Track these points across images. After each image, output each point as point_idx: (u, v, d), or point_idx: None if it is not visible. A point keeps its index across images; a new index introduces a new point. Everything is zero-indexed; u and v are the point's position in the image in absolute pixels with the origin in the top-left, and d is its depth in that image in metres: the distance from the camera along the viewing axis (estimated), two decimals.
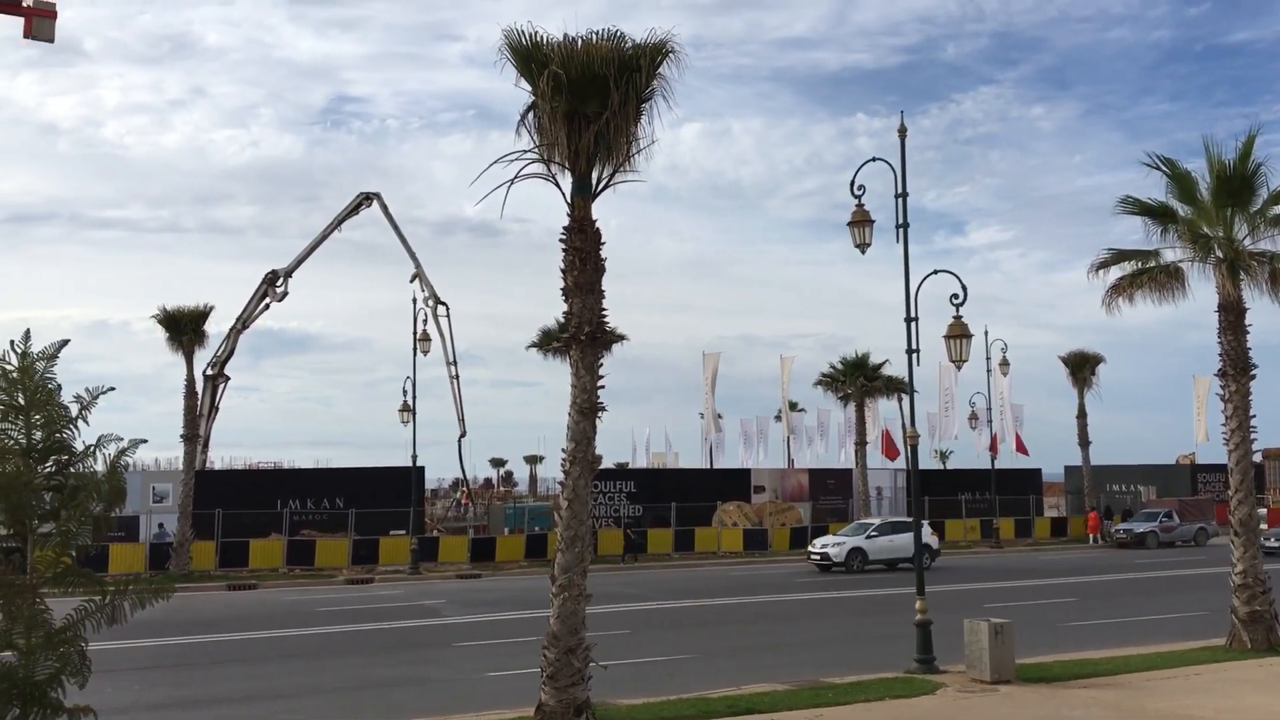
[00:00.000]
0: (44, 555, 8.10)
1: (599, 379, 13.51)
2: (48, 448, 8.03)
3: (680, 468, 70.53)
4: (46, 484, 8.07)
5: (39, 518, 8.13)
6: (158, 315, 38.05)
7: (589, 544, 13.53)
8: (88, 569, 8.50)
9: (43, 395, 8.02)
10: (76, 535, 8.21)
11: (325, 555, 39.53)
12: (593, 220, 13.49)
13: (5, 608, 7.99)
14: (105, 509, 8.34)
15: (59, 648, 7.97)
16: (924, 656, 16.81)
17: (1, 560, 8.23)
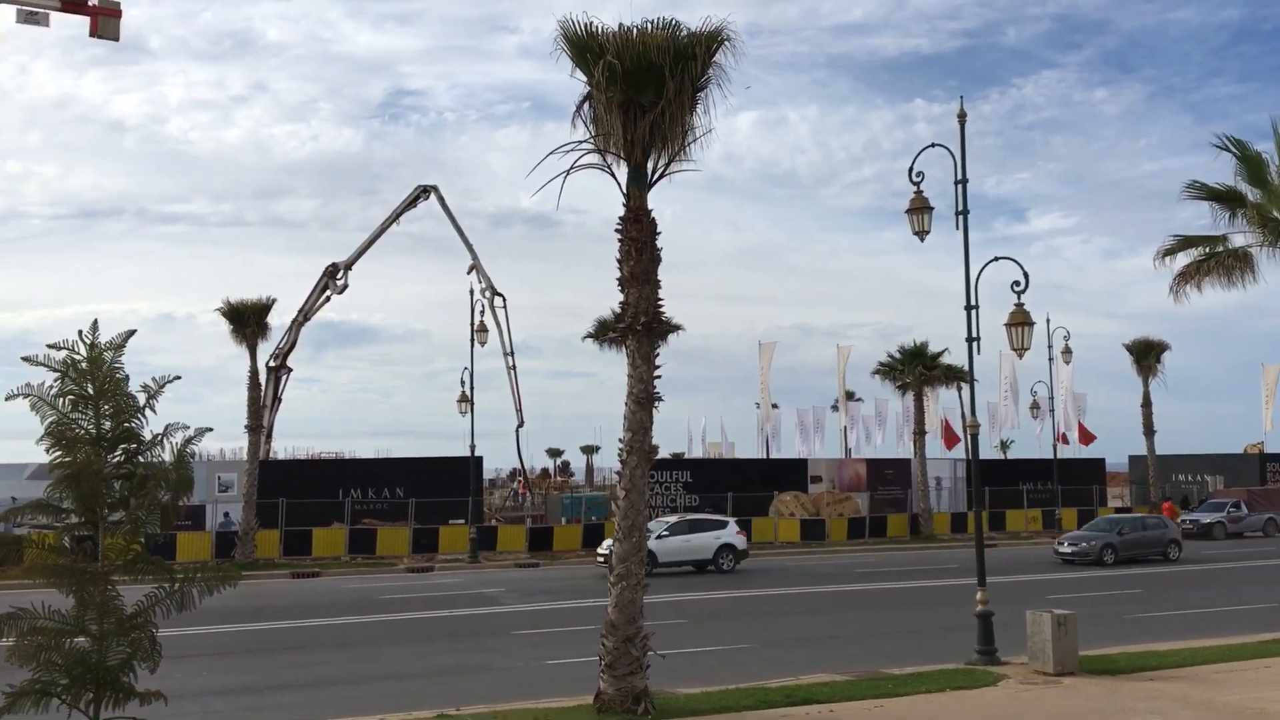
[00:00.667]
0: (114, 543, 8.27)
1: (655, 369, 13.50)
2: (117, 437, 8.20)
3: (736, 458, 70.39)
4: (116, 473, 8.25)
5: (109, 506, 8.31)
6: (222, 308, 38.71)
7: (646, 533, 13.54)
8: (157, 556, 8.68)
9: (111, 385, 8.19)
10: (145, 523, 8.38)
11: (386, 544, 40.03)
12: (648, 210, 13.47)
13: (78, 594, 8.19)
14: (173, 497, 8.51)
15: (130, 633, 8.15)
16: (985, 648, 16.62)
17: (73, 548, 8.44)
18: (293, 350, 48.47)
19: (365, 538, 40.19)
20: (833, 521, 46.24)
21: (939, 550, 42.16)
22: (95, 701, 8.29)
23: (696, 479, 48.61)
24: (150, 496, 8.16)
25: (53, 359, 8.14)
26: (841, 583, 30.73)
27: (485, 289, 46.37)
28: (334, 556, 39.20)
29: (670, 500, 47.11)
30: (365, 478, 45.22)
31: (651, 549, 31.76)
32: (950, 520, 49.20)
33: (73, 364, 8.13)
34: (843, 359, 60.14)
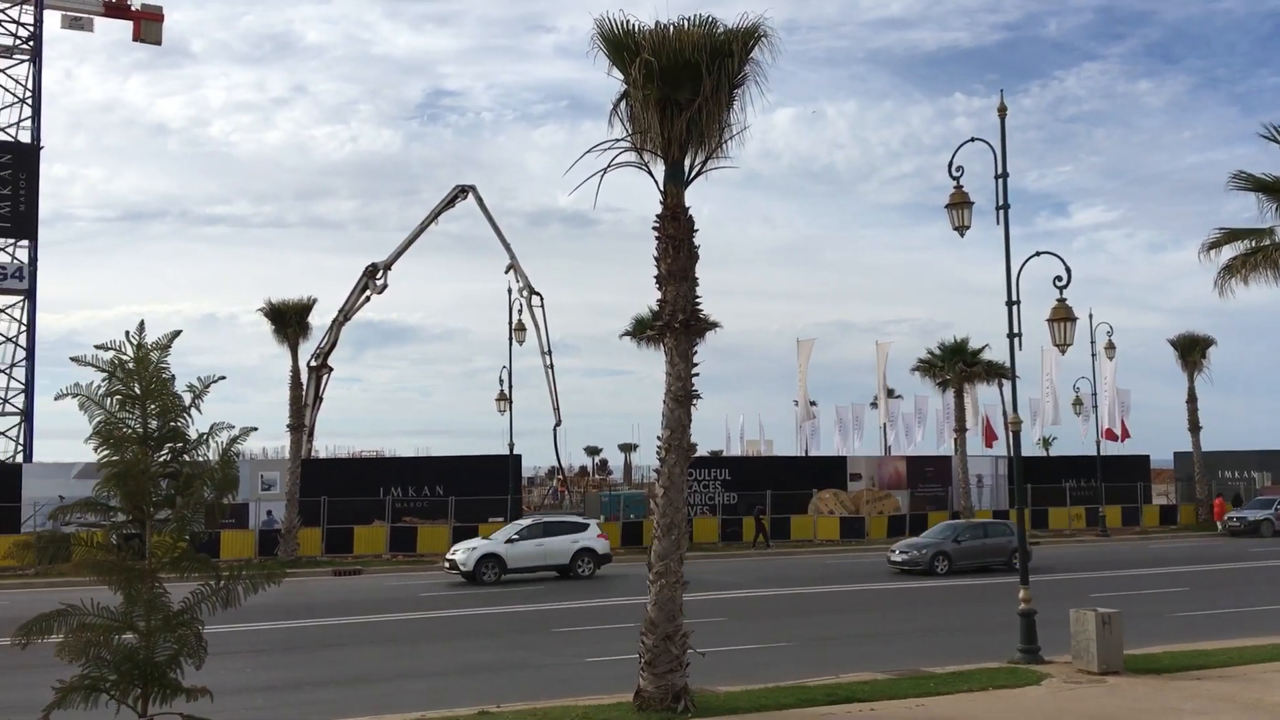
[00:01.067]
0: (161, 540, 8.40)
1: (693, 367, 13.49)
2: (163, 436, 8.32)
3: (775, 455, 70.12)
4: (163, 471, 8.37)
5: (156, 504, 8.43)
6: (263, 308, 39.14)
7: (685, 531, 13.54)
8: (203, 554, 8.79)
9: (157, 385, 8.31)
10: (191, 521, 8.49)
11: (426, 541, 40.30)
12: (685, 208, 13.46)
13: (126, 591, 8.32)
14: (218, 496, 8.62)
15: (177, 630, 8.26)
16: (1028, 646, 16.47)
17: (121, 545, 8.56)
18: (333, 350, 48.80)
19: (406, 535, 40.49)
20: (872, 519, 45.99)
21: None
22: (143, 697, 8.41)
23: (735, 477, 48.50)
24: (196, 495, 8.27)
25: (100, 359, 8.27)
26: (881, 581, 30.54)
27: (523, 288, 46.50)
28: (375, 554, 39.51)
29: (709, 498, 47.03)
30: (405, 476, 45.52)
31: (498, 554, 31.11)
32: (992, 518, 48.73)
33: (120, 364, 8.26)
34: (882, 355, 59.74)
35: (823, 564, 36.42)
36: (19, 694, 14.64)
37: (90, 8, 65.78)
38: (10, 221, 56.76)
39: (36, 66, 58.65)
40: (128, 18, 67.13)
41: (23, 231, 56.98)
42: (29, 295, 57.09)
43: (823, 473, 50.59)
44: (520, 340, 43.06)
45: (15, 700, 14.49)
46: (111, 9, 66.31)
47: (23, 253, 57.05)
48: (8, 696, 15.19)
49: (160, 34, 68.56)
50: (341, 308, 48.63)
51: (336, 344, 48.95)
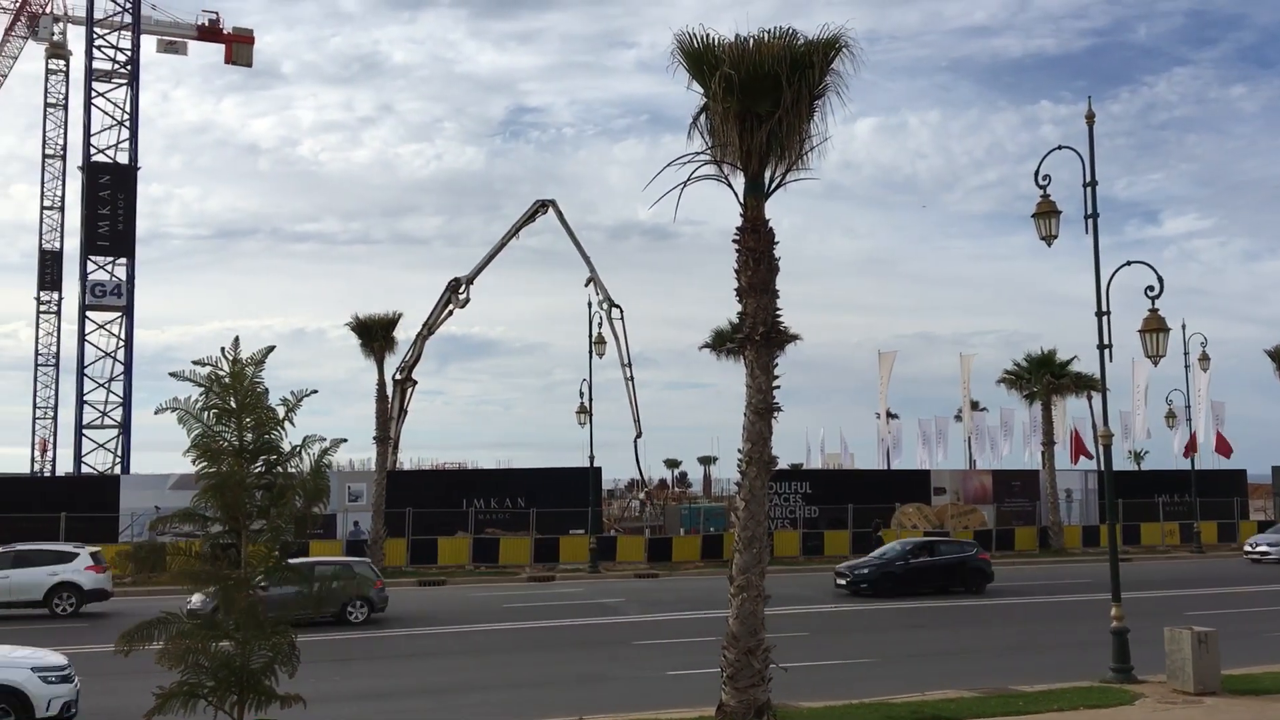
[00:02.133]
0: (256, 550, 8.63)
1: (774, 379, 13.43)
2: (258, 448, 8.56)
3: (857, 468, 69.39)
4: (258, 482, 8.61)
5: (251, 515, 8.67)
6: (351, 323, 39.92)
7: (766, 545, 13.47)
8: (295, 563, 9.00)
9: (252, 399, 8.56)
10: (284, 531, 8.71)
11: (508, 553, 40.67)
12: (765, 220, 13.42)
13: (223, 600, 8.55)
14: (309, 506, 8.83)
15: (271, 638, 8.48)
16: (1120, 665, 16.05)
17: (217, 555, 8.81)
18: (418, 363, 49.61)
19: (488, 547, 40.89)
20: (958, 534, 45.20)
21: (1070, 564, 40.84)
22: (239, 704, 8.65)
23: (816, 490, 48.10)
24: (289, 505, 8.49)
25: (198, 374, 8.55)
26: (967, 597, 30.00)
27: (603, 301, 46.77)
28: (458, 565, 39.97)
29: (790, 511, 46.71)
30: (488, 488, 45.99)
31: None
32: (1081, 533, 47.62)
33: (217, 379, 8.53)
34: (966, 368, 58.81)
35: None
36: (120, 700, 15.12)
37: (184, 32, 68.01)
38: (109, 240, 58.82)
39: (134, 90, 60.67)
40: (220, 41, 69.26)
41: (121, 250, 59.01)
42: (127, 311, 59.04)
43: (906, 486, 49.92)
44: (600, 353, 43.22)
45: (116, 706, 14.97)
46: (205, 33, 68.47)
47: (121, 270, 59.07)
48: (110, 702, 15.69)
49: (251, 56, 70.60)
50: (425, 322, 49.44)
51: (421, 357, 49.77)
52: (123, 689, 15.70)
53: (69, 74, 71.78)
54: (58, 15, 70.99)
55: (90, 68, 60.40)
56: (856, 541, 43.87)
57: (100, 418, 58.65)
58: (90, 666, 18.73)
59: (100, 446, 58.43)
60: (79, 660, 16.67)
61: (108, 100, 60.29)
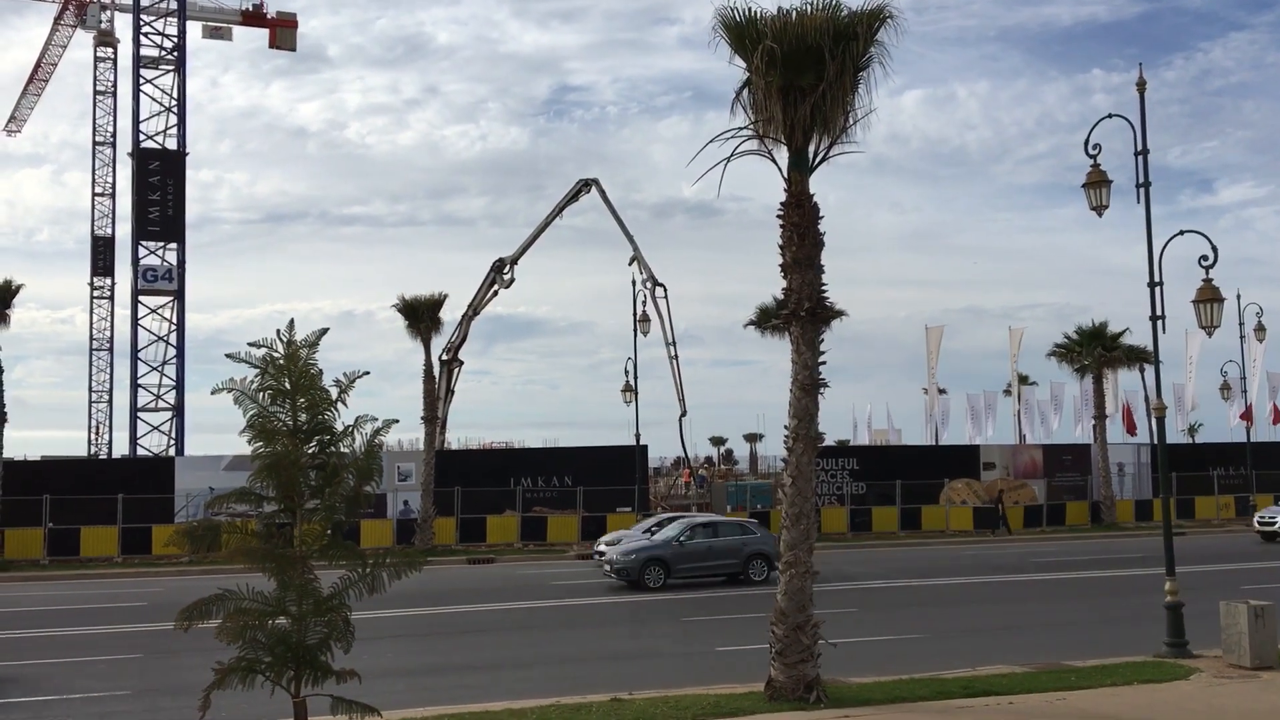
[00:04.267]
0: (310, 529, 8.78)
1: (820, 355, 13.41)
2: (312, 429, 8.70)
3: (904, 444, 69.03)
4: (312, 462, 8.75)
5: (305, 494, 8.82)
6: (398, 305, 40.30)
7: (814, 521, 13.49)
8: (350, 542, 9.16)
9: (306, 380, 8.69)
10: (338, 510, 8.86)
11: (556, 531, 40.98)
12: (810, 195, 13.38)
13: (279, 577, 8.73)
14: (361, 485, 8.96)
15: (326, 615, 8.65)
16: (1175, 640, 15.91)
17: (272, 534, 8.98)
18: (464, 343, 49.97)
19: (536, 525, 41.23)
20: (1009, 509, 44.89)
21: (1123, 539, 40.43)
22: (296, 679, 8.83)
23: (864, 466, 47.93)
24: (342, 485, 8.63)
25: (253, 356, 8.70)
26: (1018, 572, 29.83)
27: (647, 279, 46.78)
28: (507, 543, 40.37)
29: (837, 488, 46.60)
30: (535, 467, 46.29)
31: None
32: (1134, 508, 47.10)
33: (271, 360, 8.67)
34: (1015, 341, 58.19)
35: (956, 555, 35.73)
36: (181, 676, 15.49)
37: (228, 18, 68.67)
38: (160, 225, 59.70)
39: (181, 76, 61.37)
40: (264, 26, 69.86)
41: (171, 235, 59.88)
42: (178, 296, 59.97)
43: (955, 462, 49.61)
44: (645, 331, 43.34)
45: (177, 682, 15.34)
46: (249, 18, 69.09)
47: (172, 255, 59.96)
48: (171, 679, 16.08)
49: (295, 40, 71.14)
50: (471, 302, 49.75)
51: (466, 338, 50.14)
52: (183, 665, 16.08)
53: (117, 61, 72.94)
54: (104, 3, 72.04)
55: (138, 55, 61.21)
56: (905, 518, 43.74)
57: (154, 401, 59.72)
58: (159, 644, 19.21)
59: (155, 429, 59.51)
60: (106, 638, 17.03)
61: (155, 87, 61.07)
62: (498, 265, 49.58)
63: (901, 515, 43.80)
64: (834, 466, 47.17)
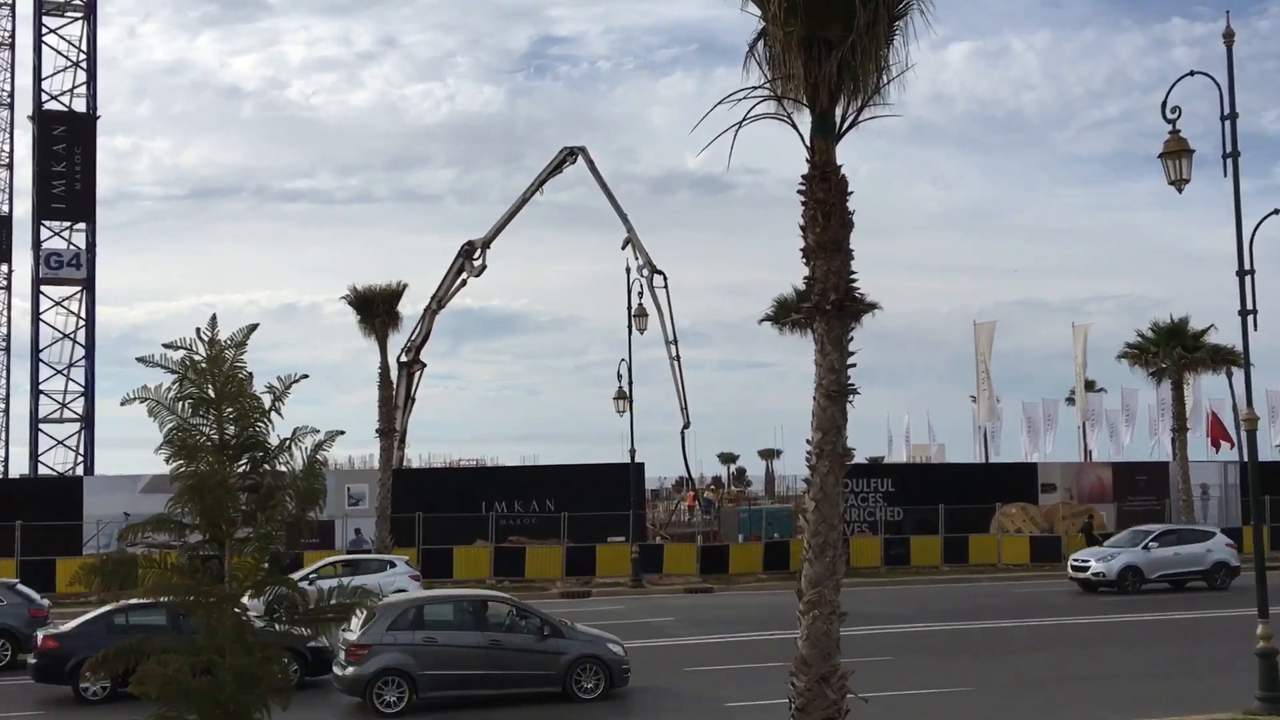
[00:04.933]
0: (242, 562, 8.73)
1: (849, 356, 13.38)
2: (241, 444, 8.66)
3: (948, 462, 69.07)
4: (241, 483, 8.71)
5: (235, 521, 8.78)
6: (348, 296, 40.23)
7: (841, 552, 13.45)
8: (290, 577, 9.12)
9: (234, 386, 8.65)
10: (274, 540, 8.81)
11: (536, 565, 40.93)
12: (837, 166, 13.34)
13: (205, 622, 8.68)
14: (302, 510, 8.93)
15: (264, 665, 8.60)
16: (1268, 694, 15.91)
17: (198, 568, 8.94)
18: (426, 342, 49.98)
19: (512, 557, 41.18)
20: (1071, 538, 44.84)
21: None
22: None
23: (900, 488, 47.94)
24: (279, 510, 8.59)
25: (170, 359, 8.65)
26: (1082, 613, 29.85)
27: (643, 266, 46.77)
28: (478, 579, 40.27)
29: (869, 513, 46.61)
30: (511, 489, 46.26)
31: None
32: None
33: (192, 364, 8.62)
34: (1080, 340, 58.25)
35: (1009, 592, 35.74)
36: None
37: None
38: (65, 202, 59.24)
39: (91, 25, 60.97)
40: None
41: (79, 213, 59.49)
42: (87, 286, 59.62)
43: (1008, 483, 49.62)
44: (641, 328, 43.26)
45: None
46: None
47: (80, 237, 59.58)
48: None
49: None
50: (435, 293, 49.74)
51: (430, 335, 50.15)
52: None
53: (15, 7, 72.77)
54: None
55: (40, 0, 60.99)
56: (949, 549, 43.74)
57: (59, 410, 59.43)
58: None
59: (60, 443, 59.20)
60: None
61: (61, 38, 60.77)
62: (467, 249, 49.59)
63: (945, 546, 43.77)
64: (865, 488, 47.17)
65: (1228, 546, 36.20)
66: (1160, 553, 35.60)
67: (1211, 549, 35.81)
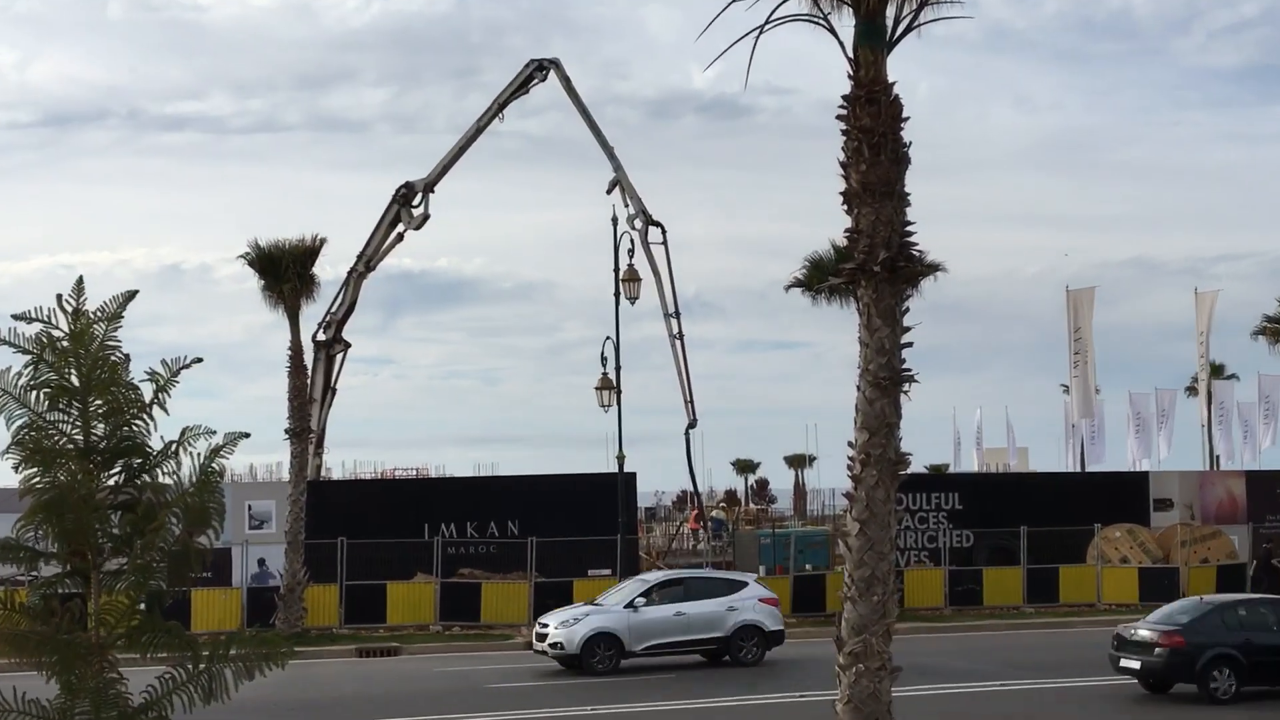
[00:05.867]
0: (114, 603, 8.73)
1: (903, 333, 13.45)
2: (114, 447, 8.63)
3: (1032, 471, 69.18)
4: (114, 499, 8.69)
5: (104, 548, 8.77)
6: (248, 255, 40.14)
7: (893, 589, 13.52)
8: (174, 622, 9.11)
9: (104, 372, 8.61)
10: (155, 573, 8.80)
11: (495, 606, 40.92)
12: (889, 84, 13.39)
13: (64, 677, 8.68)
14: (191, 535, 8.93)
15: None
16: None
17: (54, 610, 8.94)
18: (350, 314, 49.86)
19: (464, 596, 41.18)
20: (1192, 571, 45.01)
21: None
22: None
23: (970, 505, 47.99)
24: (163, 534, 8.57)
25: (21, 336, 8.63)
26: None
27: (635, 215, 46.71)
28: (419, 624, 40.31)
29: (929, 539, 46.70)
30: (462, 507, 46.17)
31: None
32: None
33: (50, 342, 8.60)
34: (1205, 312, 58.32)
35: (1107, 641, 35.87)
36: None
37: None
38: None
39: None
40: None
41: None
42: None
43: (1110, 498, 49.72)
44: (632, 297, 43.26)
45: None
46: None
47: None
48: None
49: None
50: (362, 252, 49.62)
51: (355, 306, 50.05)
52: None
53: None
54: None
55: None
56: (1033, 584, 43.82)
57: None
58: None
59: None
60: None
61: None
62: (404, 194, 49.45)
63: (1028, 580, 43.85)
64: (924, 505, 47.24)
65: None
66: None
67: None
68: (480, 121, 50.18)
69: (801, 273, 47.51)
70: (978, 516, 47.45)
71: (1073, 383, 60.04)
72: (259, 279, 40.29)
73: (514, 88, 49.86)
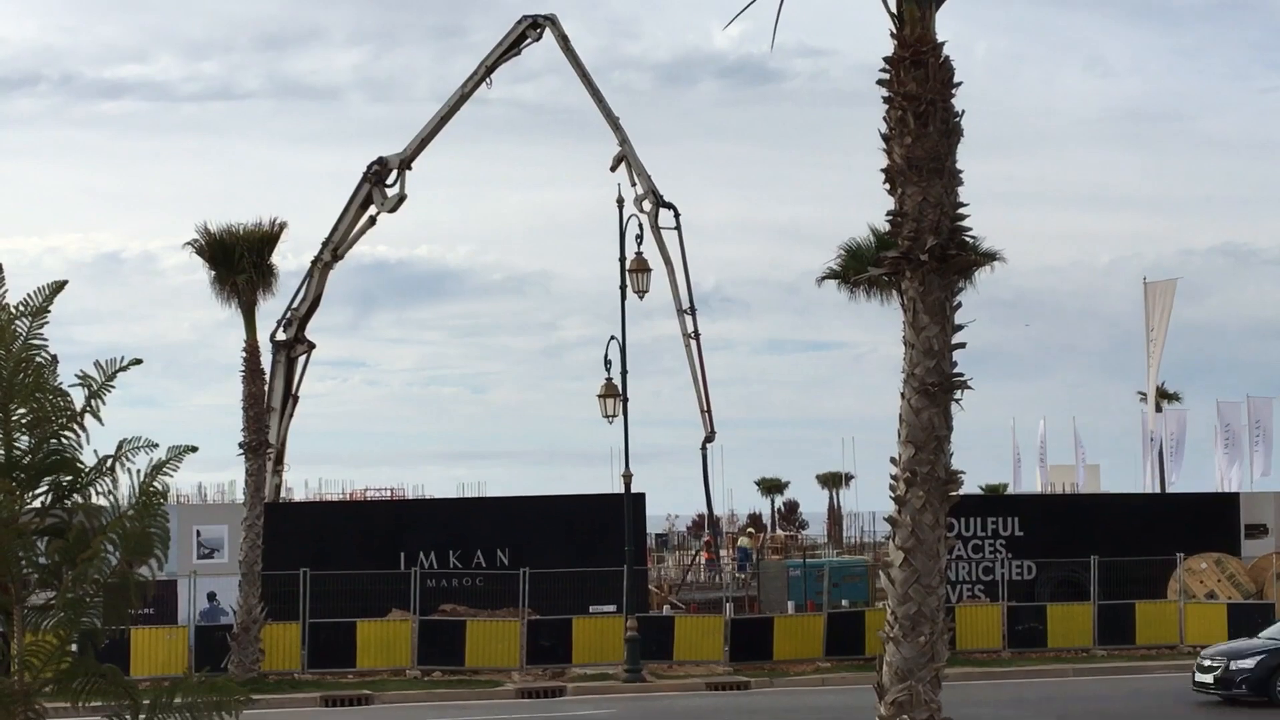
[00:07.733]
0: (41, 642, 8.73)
1: (955, 331, 13.43)
2: (40, 463, 8.66)
3: (1104, 493, 69.17)
4: (40, 524, 8.71)
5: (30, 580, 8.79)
6: (196, 242, 40.16)
7: (943, 629, 13.50)
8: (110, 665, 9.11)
9: (29, 376, 8.63)
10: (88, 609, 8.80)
11: (481, 648, 40.89)
12: (938, 44, 13.39)
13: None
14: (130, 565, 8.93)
15: None
16: None
17: None
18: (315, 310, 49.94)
19: (446, 637, 41.20)
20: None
21: None
22: None
23: (1032, 532, 48.02)
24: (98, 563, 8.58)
25: None
26: None
27: (644, 196, 46.77)
28: (393, 669, 40.33)
29: (984, 570, 46.70)
30: (444, 533, 46.26)
31: None
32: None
33: None
34: None
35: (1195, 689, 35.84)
36: None
37: None
38: None
39: None
40: None
41: None
42: None
43: (1195, 523, 49.74)
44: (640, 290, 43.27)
45: None
46: None
47: None
48: None
49: None
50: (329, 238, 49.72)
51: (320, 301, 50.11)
52: None
53: None
54: None
55: None
56: (1105, 622, 43.75)
57: None
58: None
59: None
60: None
61: None
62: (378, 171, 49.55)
63: (1100, 618, 43.82)
64: (980, 531, 47.28)
65: None
66: None
67: None
68: (465, 88, 50.25)
69: (836, 263, 47.50)
70: (1041, 545, 47.46)
71: (1150, 389, 60.10)
72: (209, 270, 40.31)
73: (504, 48, 49.93)
